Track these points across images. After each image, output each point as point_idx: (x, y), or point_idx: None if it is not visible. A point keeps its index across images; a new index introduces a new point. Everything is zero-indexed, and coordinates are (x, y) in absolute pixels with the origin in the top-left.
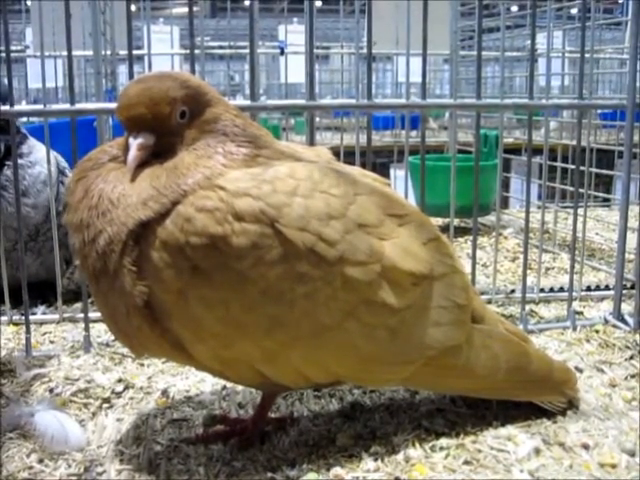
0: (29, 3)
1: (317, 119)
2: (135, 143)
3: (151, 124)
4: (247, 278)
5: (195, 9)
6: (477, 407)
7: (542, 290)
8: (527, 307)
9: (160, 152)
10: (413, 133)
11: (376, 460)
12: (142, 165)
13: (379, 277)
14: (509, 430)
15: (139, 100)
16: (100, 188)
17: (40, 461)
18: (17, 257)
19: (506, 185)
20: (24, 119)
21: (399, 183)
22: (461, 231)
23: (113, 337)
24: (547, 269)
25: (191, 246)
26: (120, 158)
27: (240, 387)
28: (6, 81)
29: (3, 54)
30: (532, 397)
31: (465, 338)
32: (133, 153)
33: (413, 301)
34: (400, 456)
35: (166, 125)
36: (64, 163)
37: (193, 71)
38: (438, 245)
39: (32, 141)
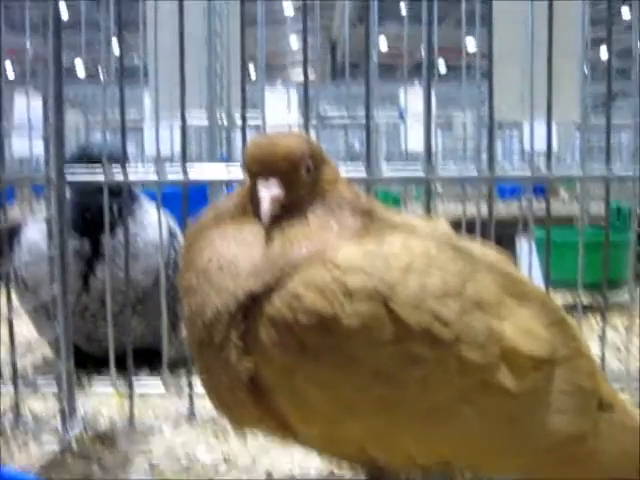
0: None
1: (439, 188)
2: (268, 195)
3: (282, 176)
4: (357, 359)
5: (312, 76)
6: None
7: None
8: None
9: (286, 207)
10: (542, 203)
11: None
12: (274, 220)
13: (497, 360)
14: None
15: (273, 151)
16: (214, 247)
17: None
18: (124, 321)
19: None
20: None
21: (525, 256)
22: (591, 309)
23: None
24: None
25: (299, 325)
26: (236, 216)
27: (346, 469)
28: (121, 149)
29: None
30: None
31: (591, 427)
32: (266, 205)
33: (533, 386)
34: None
35: (295, 179)
36: (176, 227)
37: None
38: (562, 327)
39: (146, 205)
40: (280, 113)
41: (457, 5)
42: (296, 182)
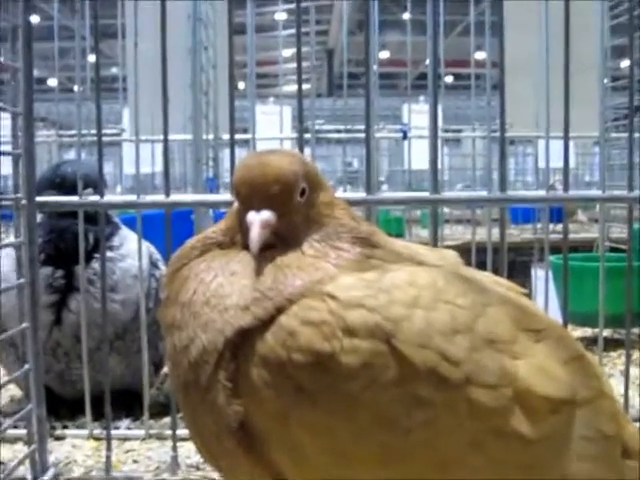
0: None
1: (446, 210)
2: (258, 219)
3: (274, 200)
4: (357, 402)
5: (306, 87)
6: None
7: None
8: None
9: (278, 234)
10: (558, 227)
11: None
12: (264, 249)
13: (511, 403)
14: None
15: (264, 172)
16: (200, 279)
17: None
18: (101, 359)
19: None
20: None
21: (541, 285)
22: (614, 344)
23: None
24: None
25: (294, 364)
26: (225, 244)
27: None
28: (97, 170)
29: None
30: None
31: (615, 476)
32: (256, 231)
33: (551, 431)
34: None
35: (288, 202)
36: (157, 255)
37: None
38: (582, 365)
39: (124, 232)
40: (272, 129)
41: (465, 10)
42: (289, 207)
